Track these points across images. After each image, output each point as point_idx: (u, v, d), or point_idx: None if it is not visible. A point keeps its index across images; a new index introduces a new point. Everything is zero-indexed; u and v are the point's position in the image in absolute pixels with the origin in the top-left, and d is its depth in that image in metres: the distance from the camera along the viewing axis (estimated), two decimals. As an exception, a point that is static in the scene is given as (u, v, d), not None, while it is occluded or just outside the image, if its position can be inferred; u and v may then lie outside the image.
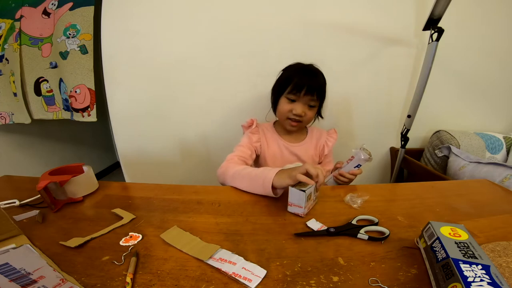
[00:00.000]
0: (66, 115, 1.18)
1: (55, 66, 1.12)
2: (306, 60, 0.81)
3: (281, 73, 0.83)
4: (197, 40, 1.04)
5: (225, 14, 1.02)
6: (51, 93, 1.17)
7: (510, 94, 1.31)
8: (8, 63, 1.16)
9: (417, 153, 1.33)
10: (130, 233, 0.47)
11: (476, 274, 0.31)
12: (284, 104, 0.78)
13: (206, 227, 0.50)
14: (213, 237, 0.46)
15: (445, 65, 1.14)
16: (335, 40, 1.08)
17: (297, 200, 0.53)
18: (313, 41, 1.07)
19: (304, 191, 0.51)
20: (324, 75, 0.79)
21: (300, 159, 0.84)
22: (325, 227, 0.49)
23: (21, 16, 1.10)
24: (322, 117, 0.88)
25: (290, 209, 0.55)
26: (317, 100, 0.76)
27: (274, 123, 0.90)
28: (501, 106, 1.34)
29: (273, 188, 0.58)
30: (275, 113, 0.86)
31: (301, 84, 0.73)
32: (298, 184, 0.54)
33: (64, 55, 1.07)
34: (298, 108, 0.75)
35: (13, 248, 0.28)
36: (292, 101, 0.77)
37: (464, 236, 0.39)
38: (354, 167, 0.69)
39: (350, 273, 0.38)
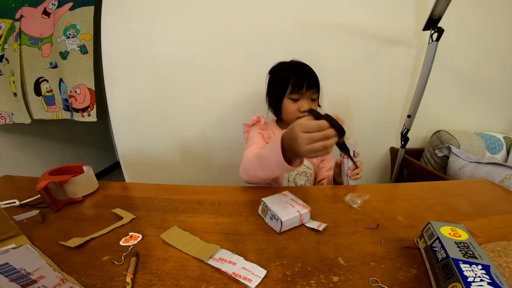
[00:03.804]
0: (66, 115, 1.18)
1: (55, 66, 1.12)
2: (306, 60, 0.81)
3: (269, 76, 0.83)
4: (197, 40, 1.04)
5: (225, 14, 1.02)
6: (51, 93, 1.17)
7: (510, 94, 1.31)
8: (8, 63, 1.16)
9: (417, 153, 1.33)
10: (130, 233, 0.47)
11: (476, 274, 0.31)
12: (289, 106, 0.78)
13: (206, 227, 0.50)
14: (213, 237, 0.46)
15: (445, 65, 1.14)
16: (335, 40, 1.08)
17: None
18: (313, 41, 1.07)
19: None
20: (325, 75, 0.80)
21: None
22: (324, 225, 0.48)
23: (21, 16, 1.11)
24: (320, 106, 0.88)
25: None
26: (317, 92, 0.79)
27: (277, 121, 0.90)
28: (501, 106, 1.34)
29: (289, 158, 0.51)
30: (276, 116, 0.86)
31: (301, 81, 0.74)
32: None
33: (64, 55, 1.07)
34: (305, 104, 0.76)
35: (13, 248, 0.28)
36: (296, 100, 0.77)
37: (464, 236, 0.39)
38: (353, 155, 0.67)
39: (350, 273, 0.38)
